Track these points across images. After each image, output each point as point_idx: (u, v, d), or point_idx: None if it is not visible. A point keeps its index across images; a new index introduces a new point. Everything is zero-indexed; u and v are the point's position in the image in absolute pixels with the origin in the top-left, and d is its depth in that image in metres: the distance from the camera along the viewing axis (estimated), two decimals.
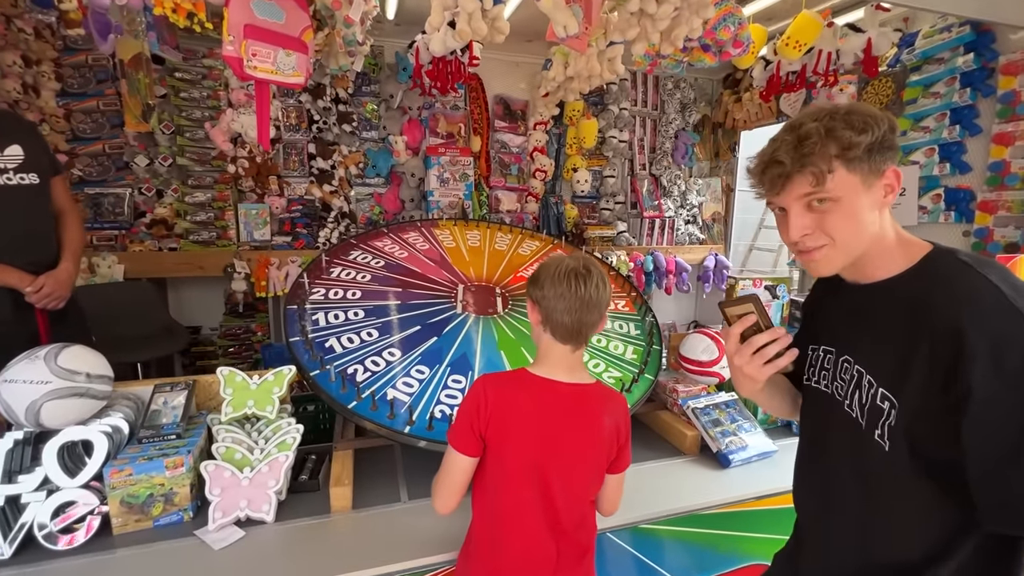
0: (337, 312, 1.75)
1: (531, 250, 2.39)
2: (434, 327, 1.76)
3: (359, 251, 2.13)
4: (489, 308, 1.92)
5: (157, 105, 2.60)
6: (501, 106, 3.23)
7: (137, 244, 2.58)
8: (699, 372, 1.74)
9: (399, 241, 2.26)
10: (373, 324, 1.73)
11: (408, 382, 1.52)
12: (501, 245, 2.40)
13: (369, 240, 2.22)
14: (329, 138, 2.93)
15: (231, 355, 2.87)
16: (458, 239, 2.36)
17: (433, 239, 2.33)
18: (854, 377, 0.82)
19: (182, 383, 1.40)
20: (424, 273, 2.05)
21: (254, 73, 1.66)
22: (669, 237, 3.58)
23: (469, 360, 1.66)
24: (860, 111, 0.75)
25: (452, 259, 2.19)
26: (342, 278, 1.93)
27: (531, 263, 2.29)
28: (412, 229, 2.37)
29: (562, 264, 0.98)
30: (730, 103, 3.37)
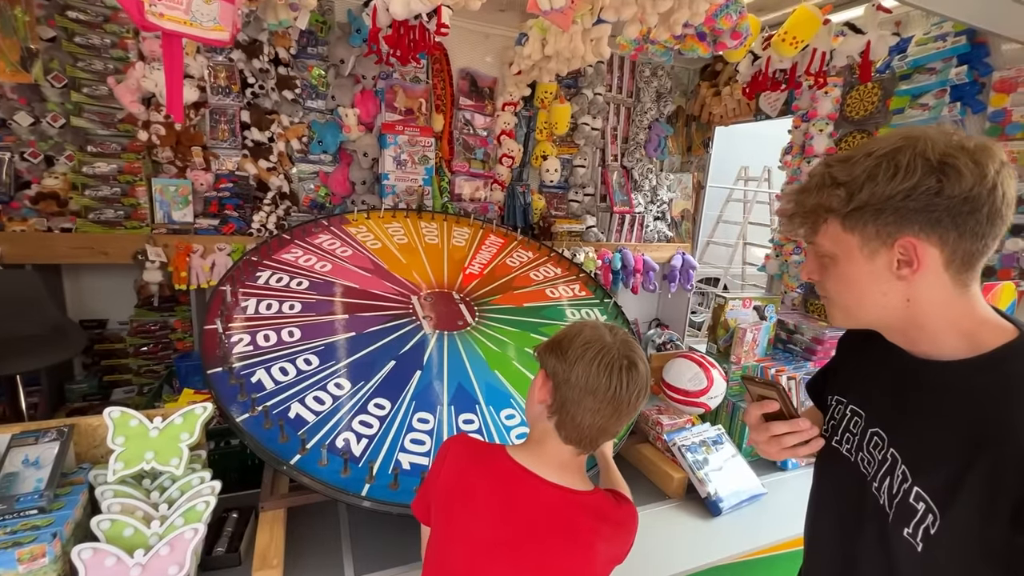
0: (268, 332, 1.44)
1: (465, 239, 2.14)
2: (411, 358, 1.48)
3: (297, 248, 1.81)
4: (457, 320, 1.67)
5: (46, 51, 2.10)
6: (467, 81, 2.91)
7: (18, 222, 2.11)
8: (684, 402, 1.58)
9: (313, 249, 1.88)
10: (312, 348, 1.44)
11: (366, 422, 1.26)
12: (431, 237, 2.13)
13: (274, 253, 1.81)
14: (267, 105, 2.52)
15: (144, 355, 2.47)
16: (381, 236, 2.05)
17: (353, 241, 1.98)
18: (886, 460, 0.69)
19: (52, 430, 1.08)
20: (364, 288, 1.73)
21: (159, 22, 1.29)
22: (638, 234, 3.43)
23: (469, 392, 1.42)
24: (896, 158, 0.58)
25: (387, 264, 1.88)
26: (272, 285, 1.61)
27: (472, 255, 2.04)
28: (320, 231, 1.99)
29: (603, 345, 0.75)
30: (708, 96, 3.21)
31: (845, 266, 0.65)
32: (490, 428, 1.33)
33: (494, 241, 2.17)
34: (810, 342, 1.76)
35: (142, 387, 2.49)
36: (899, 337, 0.69)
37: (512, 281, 1.91)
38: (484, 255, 2.06)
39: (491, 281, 1.87)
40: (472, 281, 1.84)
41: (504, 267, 1.98)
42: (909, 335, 0.67)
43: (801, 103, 2.66)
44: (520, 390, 1.43)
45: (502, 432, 1.31)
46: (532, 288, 1.88)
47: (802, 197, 0.67)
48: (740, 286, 6.02)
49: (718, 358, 1.71)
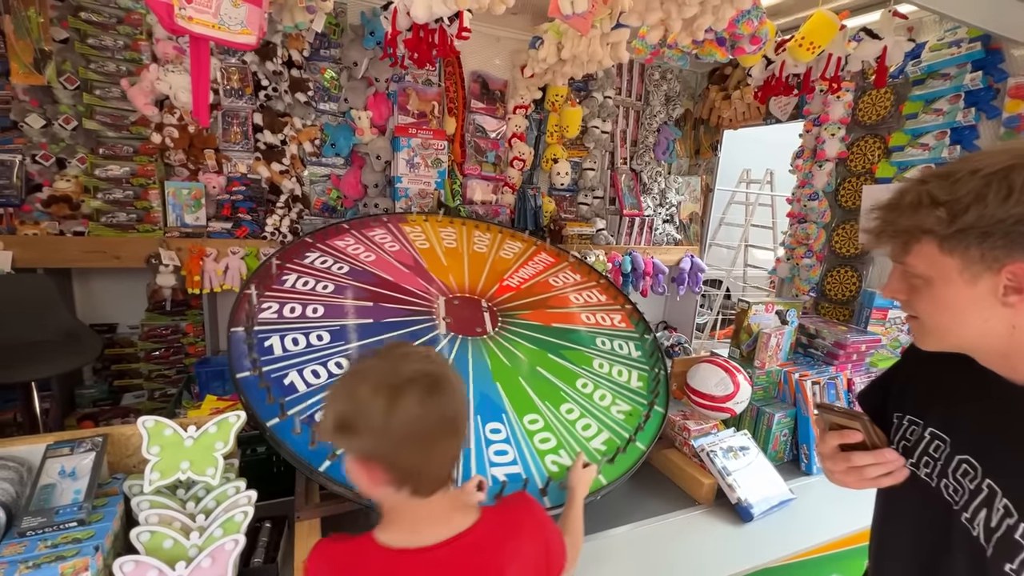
0: (296, 336, 1.43)
1: (513, 253, 2.15)
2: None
3: (317, 252, 1.80)
4: (476, 327, 1.67)
5: (59, 53, 2.08)
6: (479, 84, 2.91)
7: (30, 226, 2.08)
8: (710, 407, 1.58)
9: (363, 240, 1.94)
10: (342, 351, 1.43)
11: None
12: (481, 246, 2.13)
13: (329, 239, 1.89)
14: (279, 108, 2.50)
15: (156, 360, 2.44)
16: (432, 238, 2.07)
17: (403, 238, 2.03)
18: (981, 491, 0.66)
19: (87, 441, 1.06)
20: (397, 282, 1.75)
21: (188, 26, 1.28)
22: (647, 236, 3.43)
23: None
24: (1009, 178, 0.55)
25: (428, 264, 1.91)
26: (298, 289, 1.60)
27: (515, 268, 2.04)
28: (378, 225, 2.05)
29: (386, 376, 0.66)
30: (717, 100, 3.22)
31: (941, 289, 0.61)
32: (469, 439, 1.32)
33: (544, 259, 2.17)
34: (832, 346, 1.77)
35: (153, 392, 2.46)
36: (998, 362, 0.65)
37: (548, 300, 1.90)
38: (528, 270, 2.06)
39: (526, 296, 1.86)
40: (507, 293, 1.84)
41: (545, 285, 1.98)
42: (1011, 362, 0.63)
43: (812, 107, 2.68)
44: (517, 408, 1.41)
45: (481, 446, 1.29)
46: (566, 310, 1.87)
47: (893, 215, 0.62)
48: (742, 288, 6.05)
49: (741, 362, 1.71)
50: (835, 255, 2.64)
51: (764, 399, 1.69)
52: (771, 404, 1.66)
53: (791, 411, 1.62)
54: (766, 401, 1.68)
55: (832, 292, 2.63)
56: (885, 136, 2.41)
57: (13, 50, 1.93)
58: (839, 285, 2.60)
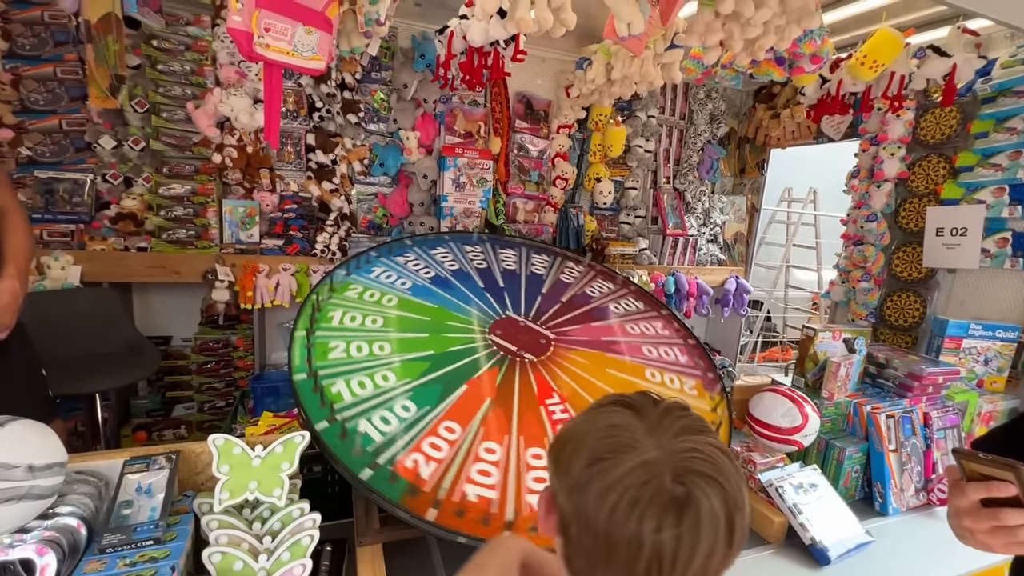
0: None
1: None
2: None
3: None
4: (532, 349, 1.64)
5: (131, 78, 2.19)
6: (523, 104, 2.93)
7: (98, 241, 2.18)
8: (777, 439, 1.51)
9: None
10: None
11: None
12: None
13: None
14: (331, 128, 2.57)
15: (207, 373, 2.50)
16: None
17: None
18: None
19: (161, 457, 1.07)
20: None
21: (265, 53, 1.32)
22: (691, 256, 3.37)
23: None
24: None
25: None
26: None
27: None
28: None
29: (632, 467, 0.46)
30: (765, 118, 3.16)
31: None
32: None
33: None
34: (905, 377, 1.67)
35: (202, 404, 2.51)
36: None
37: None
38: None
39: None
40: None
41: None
42: None
43: (869, 126, 2.59)
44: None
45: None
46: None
47: None
48: (783, 309, 5.86)
49: (806, 392, 1.63)
50: (895, 279, 2.53)
51: (833, 432, 1.60)
52: (840, 438, 1.57)
53: (863, 446, 1.53)
54: (835, 434, 1.59)
55: (892, 318, 2.50)
56: (951, 156, 2.30)
57: (92, 76, 2.05)
58: (900, 311, 2.48)
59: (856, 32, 2.37)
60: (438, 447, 1.23)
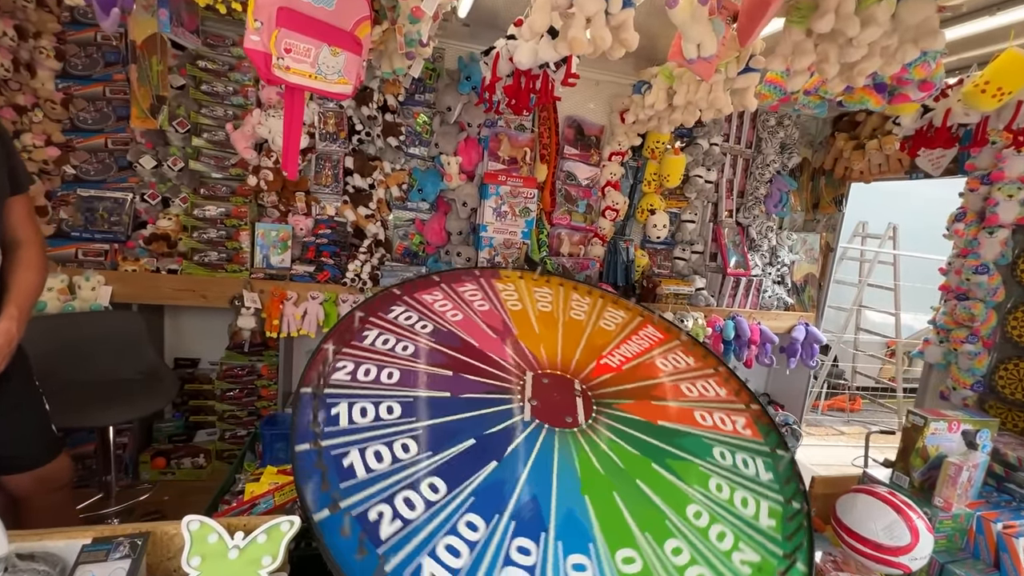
0: (365, 405, 1.25)
1: (616, 324, 1.87)
2: (492, 444, 1.26)
3: (403, 307, 1.64)
4: (567, 415, 1.40)
5: (175, 98, 2.16)
6: (573, 129, 2.74)
7: (131, 262, 2.14)
8: (875, 559, 1.20)
9: (452, 295, 1.77)
10: (410, 430, 1.23)
11: (453, 547, 1.01)
12: (578, 313, 1.89)
13: (417, 292, 1.73)
14: (371, 152, 2.47)
15: (230, 400, 2.41)
16: (525, 299, 1.85)
17: (495, 296, 1.83)
18: None
19: (125, 542, 0.91)
20: (483, 349, 1.55)
21: (285, 76, 1.19)
22: (754, 299, 3.03)
23: (541, 510, 1.15)
24: None
25: (518, 330, 1.69)
26: (377, 347, 1.43)
27: (616, 344, 1.77)
28: (469, 279, 1.87)
29: None
30: (846, 149, 2.82)
31: None
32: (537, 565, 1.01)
33: (651, 334, 1.88)
34: None
35: (224, 432, 2.42)
36: None
37: (654, 388, 1.60)
38: (631, 347, 1.76)
39: (628, 380, 1.58)
40: (604, 374, 1.57)
41: (651, 368, 1.67)
42: None
43: (979, 162, 2.22)
44: (609, 538, 1.09)
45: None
46: (678, 404, 1.56)
47: None
48: (852, 356, 5.30)
49: (912, 495, 1.31)
50: (1011, 343, 2.12)
51: (948, 552, 1.27)
52: (960, 561, 1.23)
53: None
54: (951, 555, 1.26)
55: (1007, 390, 2.09)
56: None
57: (135, 96, 2.02)
58: (1019, 382, 2.06)
59: (968, 53, 2.03)
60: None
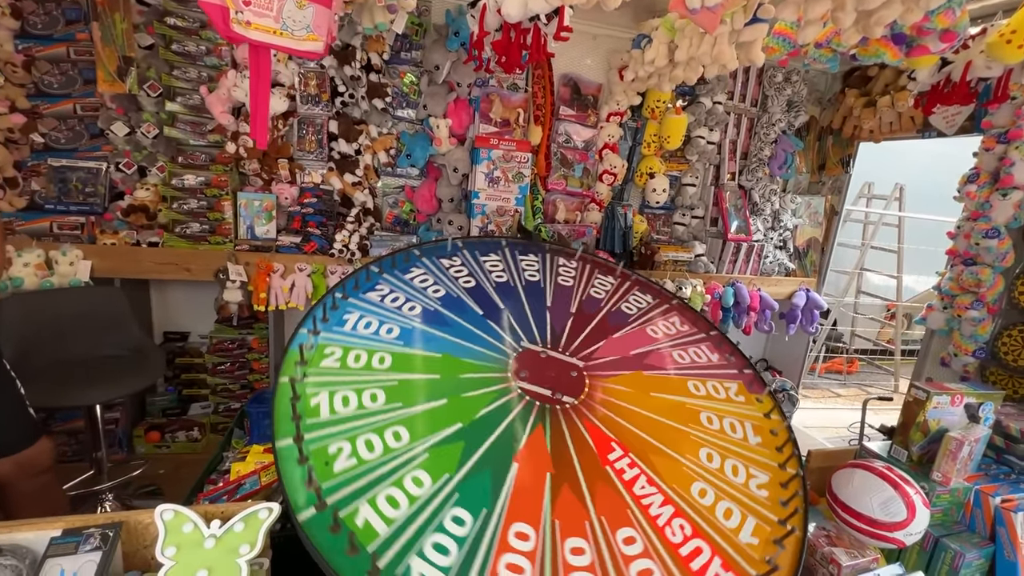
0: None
1: (606, 293, 1.82)
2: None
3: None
4: (564, 389, 1.37)
5: (144, 59, 2.03)
6: (569, 88, 2.60)
7: (109, 235, 2.06)
8: (870, 534, 1.18)
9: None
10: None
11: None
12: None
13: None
14: (356, 115, 2.34)
15: (222, 374, 2.38)
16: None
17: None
18: None
19: (96, 534, 0.89)
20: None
21: (245, 32, 1.08)
22: (755, 265, 2.96)
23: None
24: None
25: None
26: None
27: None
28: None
29: None
30: (856, 107, 2.68)
31: None
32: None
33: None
34: None
35: (217, 405, 2.41)
36: None
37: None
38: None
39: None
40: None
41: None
42: None
43: (997, 119, 2.10)
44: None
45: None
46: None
47: None
48: (852, 319, 5.28)
49: (910, 469, 1.28)
50: (1017, 309, 2.07)
51: (944, 525, 1.25)
52: (955, 535, 1.22)
53: (986, 550, 1.18)
54: (947, 528, 1.24)
55: (1010, 357, 2.05)
56: None
57: (99, 58, 1.90)
58: (1021, 349, 2.02)
59: (990, 1, 1.88)
60: (519, 568, 0.95)
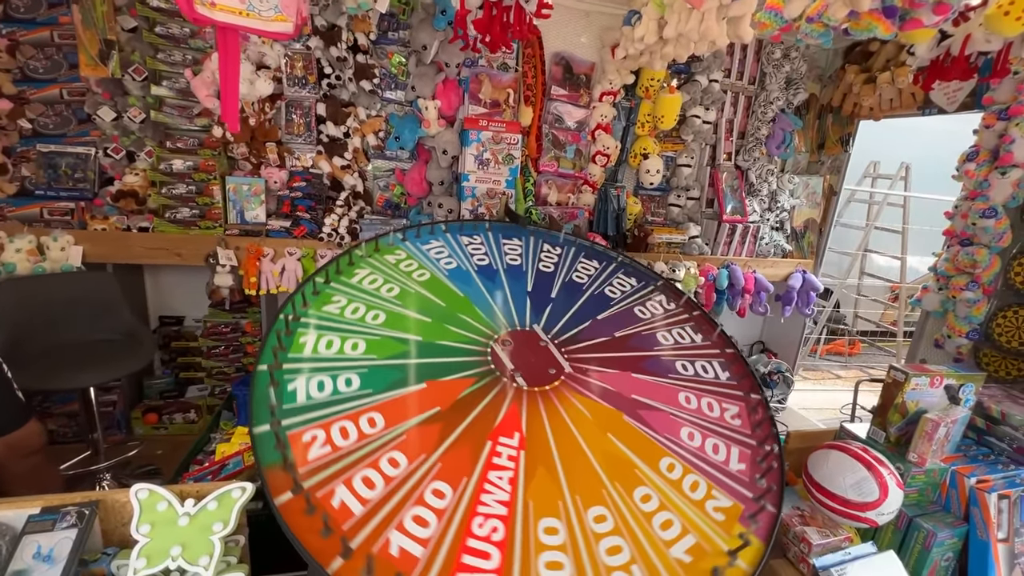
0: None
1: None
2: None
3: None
4: (528, 375, 1.37)
5: (127, 42, 2.02)
6: (561, 68, 2.55)
7: (100, 220, 2.08)
8: (842, 514, 1.19)
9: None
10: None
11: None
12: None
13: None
14: (343, 97, 2.32)
15: (216, 357, 2.42)
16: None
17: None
18: None
19: (72, 512, 0.91)
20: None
21: (210, 13, 1.07)
22: (751, 247, 2.93)
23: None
24: None
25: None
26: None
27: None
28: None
29: None
30: (856, 83, 2.61)
31: None
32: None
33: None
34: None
35: (214, 388, 2.45)
36: None
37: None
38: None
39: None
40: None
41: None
42: None
43: (999, 94, 2.04)
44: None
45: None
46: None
47: None
48: (855, 301, 5.24)
49: (887, 450, 1.28)
50: (1012, 291, 2.03)
51: (919, 506, 1.26)
52: (929, 515, 1.22)
53: (960, 530, 1.18)
54: (921, 508, 1.25)
55: (1004, 338, 2.03)
56: None
57: (81, 41, 1.89)
58: (1016, 330, 2.00)
59: None
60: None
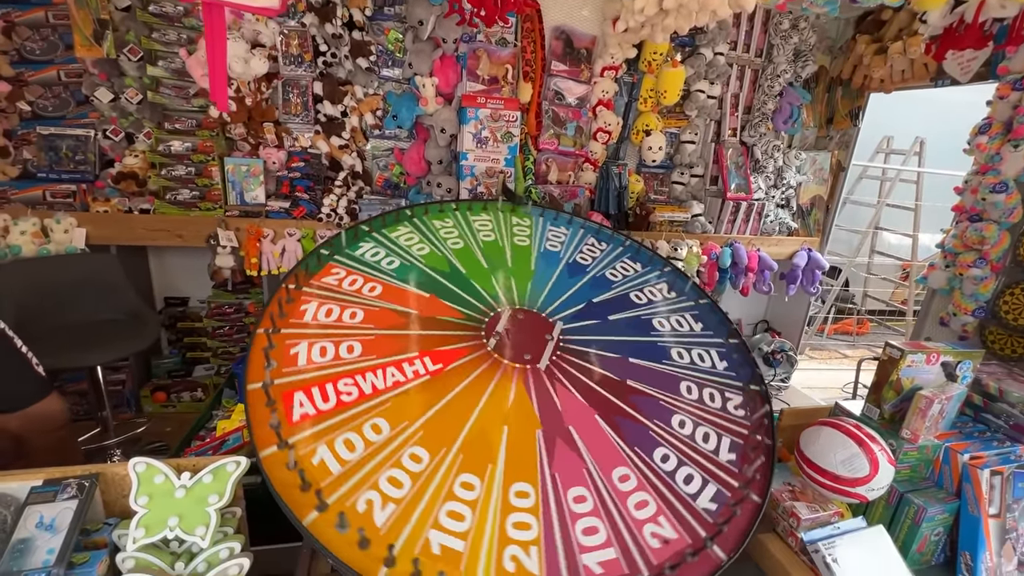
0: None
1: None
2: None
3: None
4: (526, 354, 1.38)
5: (121, 22, 2.00)
6: (561, 42, 2.49)
7: (101, 202, 2.09)
8: (833, 489, 1.19)
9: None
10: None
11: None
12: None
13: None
14: (340, 75, 2.29)
15: (221, 337, 2.46)
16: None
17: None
18: None
19: (73, 484, 0.94)
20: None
21: None
22: (755, 224, 2.89)
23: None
24: None
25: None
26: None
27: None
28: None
29: None
30: (867, 54, 2.53)
31: None
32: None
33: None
34: (1022, 415, 1.27)
35: (220, 368, 2.50)
36: None
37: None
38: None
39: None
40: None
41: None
42: None
43: (1014, 64, 1.96)
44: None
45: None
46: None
47: None
48: (864, 280, 5.16)
49: (880, 427, 1.28)
50: (1021, 268, 1.99)
51: (910, 481, 1.26)
52: (921, 491, 1.22)
53: (951, 505, 1.18)
54: (913, 484, 1.25)
55: (1010, 316, 2.00)
56: None
57: (75, 21, 1.88)
58: (1023, 308, 1.96)
59: None
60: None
